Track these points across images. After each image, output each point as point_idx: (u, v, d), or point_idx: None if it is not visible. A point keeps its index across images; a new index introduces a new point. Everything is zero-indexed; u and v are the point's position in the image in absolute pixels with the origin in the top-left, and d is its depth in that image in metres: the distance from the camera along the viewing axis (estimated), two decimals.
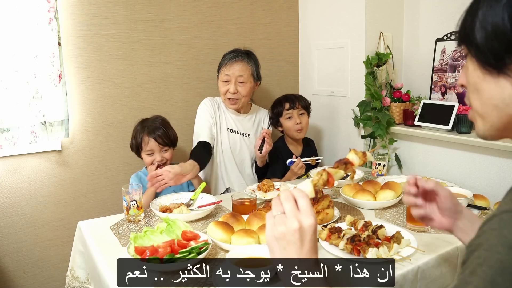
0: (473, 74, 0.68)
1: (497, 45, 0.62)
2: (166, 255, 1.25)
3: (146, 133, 2.01)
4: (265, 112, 2.44)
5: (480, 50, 0.65)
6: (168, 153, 2.05)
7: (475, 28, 0.64)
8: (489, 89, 0.67)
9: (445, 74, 2.35)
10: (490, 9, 0.62)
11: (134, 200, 1.65)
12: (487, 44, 0.63)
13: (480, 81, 0.67)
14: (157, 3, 2.38)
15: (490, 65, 0.65)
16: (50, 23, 2.02)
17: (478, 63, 0.67)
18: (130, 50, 2.34)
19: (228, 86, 2.14)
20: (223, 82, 2.15)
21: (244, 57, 2.17)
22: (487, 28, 0.62)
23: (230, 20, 2.63)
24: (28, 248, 2.22)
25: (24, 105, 2.03)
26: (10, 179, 2.13)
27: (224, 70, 2.15)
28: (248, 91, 2.18)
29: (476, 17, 0.64)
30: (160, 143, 2.00)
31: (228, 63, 2.14)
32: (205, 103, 2.25)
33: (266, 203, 1.77)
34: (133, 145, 2.06)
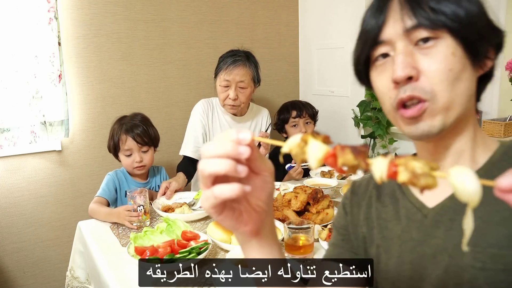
0: (459, 61, 0.62)
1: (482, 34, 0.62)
2: (166, 255, 1.25)
3: (124, 131, 1.82)
4: (264, 112, 2.33)
5: (471, 38, 0.62)
6: (149, 154, 1.86)
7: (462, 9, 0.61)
8: (468, 79, 0.64)
9: None
10: None
11: (141, 205, 1.58)
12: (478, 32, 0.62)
13: (464, 69, 0.63)
14: (157, 3, 2.38)
15: (475, 53, 0.63)
16: (50, 23, 2.02)
17: (464, 49, 0.62)
18: (130, 50, 2.34)
19: (227, 92, 2.02)
20: (222, 87, 2.02)
21: (245, 60, 2.05)
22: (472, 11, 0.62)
23: (230, 20, 2.63)
24: (28, 248, 2.22)
25: (24, 105, 2.03)
26: (10, 179, 2.13)
27: (223, 75, 2.01)
28: (248, 96, 2.09)
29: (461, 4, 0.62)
30: (139, 142, 1.81)
31: (228, 68, 2.00)
32: (197, 109, 2.14)
33: None
34: (111, 146, 1.86)
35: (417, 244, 0.69)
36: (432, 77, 0.62)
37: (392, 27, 0.64)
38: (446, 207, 0.67)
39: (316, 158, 0.50)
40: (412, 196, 0.73)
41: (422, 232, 0.69)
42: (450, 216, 0.66)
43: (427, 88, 0.61)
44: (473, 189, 0.42)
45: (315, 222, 1.49)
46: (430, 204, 0.69)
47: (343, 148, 0.49)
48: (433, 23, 0.61)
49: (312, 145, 0.51)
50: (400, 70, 0.61)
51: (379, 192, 0.79)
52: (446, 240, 0.65)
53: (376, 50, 0.67)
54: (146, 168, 1.89)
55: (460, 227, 0.63)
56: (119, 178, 1.87)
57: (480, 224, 0.62)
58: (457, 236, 0.64)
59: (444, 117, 0.63)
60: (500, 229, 0.61)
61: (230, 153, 0.49)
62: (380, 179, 0.47)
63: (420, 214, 0.70)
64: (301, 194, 1.61)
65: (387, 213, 0.75)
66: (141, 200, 1.58)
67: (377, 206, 0.78)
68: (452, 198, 0.67)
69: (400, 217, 0.73)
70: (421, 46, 0.62)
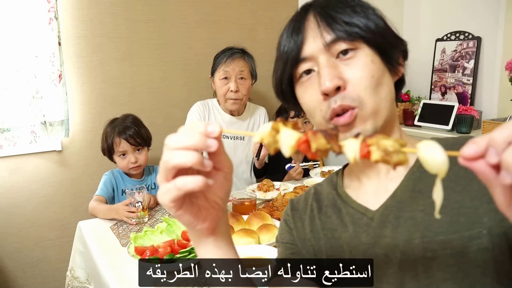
0: (379, 68, 0.67)
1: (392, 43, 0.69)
2: (166, 255, 1.25)
3: (117, 133, 1.86)
4: (261, 111, 2.34)
5: (384, 46, 0.68)
6: (143, 154, 1.91)
7: (372, 22, 0.67)
8: (388, 84, 0.69)
9: (445, 74, 2.35)
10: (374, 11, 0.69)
11: (139, 202, 1.63)
12: (388, 41, 0.69)
13: (383, 75, 0.68)
14: (157, 3, 2.38)
15: (390, 60, 0.69)
16: (50, 23, 2.02)
17: (380, 57, 0.68)
18: (130, 50, 2.35)
19: (228, 85, 2.04)
20: (222, 80, 2.05)
21: (242, 54, 2.10)
22: (380, 24, 0.68)
23: (230, 20, 2.63)
24: (28, 248, 2.22)
25: (24, 105, 2.04)
26: (11, 179, 2.13)
27: (222, 67, 2.05)
28: (248, 88, 2.11)
29: (370, 14, 0.68)
30: (132, 143, 1.85)
31: (227, 60, 2.04)
32: (193, 112, 2.15)
33: (266, 203, 1.77)
34: (105, 149, 1.90)
35: (367, 248, 0.70)
36: (357, 85, 0.66)
37: (312, 44, 0.68)
38: (390, 206, 0.70)
39: (289, 145, 0.50)
40: (354, 203, 0.75)
41: (370, 235, 0.71)
42: (395, 214, 0.69)
43: (354, 96, 0.65)
44: (441, 160, 0.45)
45: None
46: (373, 207, 0.72)
47: (314, 133, 0.49)
48: (350, 35, 0.66)
49: (284, 133, 0.51)
50: (328, 81, 0.65)
51: (319, 204, 0.81)
52: (395, 238, 0.68)
53: (299, 68, 0.71)
54: (142, 168, 1.94)
55: (406, 223, 0.68)
56: (116, 178, 1.92)
57: (423, 217, 0.66)
58: (405, 231, 0.67)
59: (374, 121, 0.67)
60: (442, 217, 0.65)
61: (198, 145, 0.49)
62: (354, 160, 0.48)
63: (366, 218, 0.72)
64: None
65: (331, 223, 0.77)
66: (139, 197, 1.63)
67: (320, 217, 0.79)
68: (394, 197, 0.70)
69: (346, 224, 0.75)
70: (342, 58, 0.67)
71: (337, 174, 0.83)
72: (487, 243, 0.62)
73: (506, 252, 0.63)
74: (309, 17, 0.71)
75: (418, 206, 0.67)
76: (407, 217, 0.68)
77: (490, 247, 0.62)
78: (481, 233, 0.62)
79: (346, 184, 0.80)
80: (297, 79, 0.72)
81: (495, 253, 0.62)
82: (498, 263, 0.62)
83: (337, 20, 0.67)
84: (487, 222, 0.63)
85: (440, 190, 0.48)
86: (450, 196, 0.65)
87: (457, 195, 0.66)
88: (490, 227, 0.62)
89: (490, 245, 0.62)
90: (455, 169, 0.66)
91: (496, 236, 0.62)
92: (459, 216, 0.64)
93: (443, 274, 0.63)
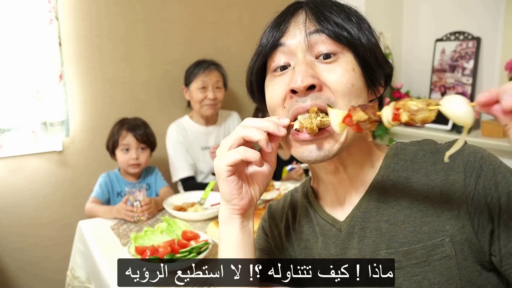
0: (359, 79, 0.64)
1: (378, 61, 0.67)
2: (166, 255, 1.26)
3: (125, 128, 1.90)
4: (234, 115, 2.48)
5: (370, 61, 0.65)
6: (145, 155, 1.93)
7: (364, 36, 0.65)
8: (365, 99, 0.66)
9: (445, 74, 2.36)
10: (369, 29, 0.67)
11: (138, 200, 1.66)
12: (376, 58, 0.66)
13: (363, 88, 0.65)
14: (157, 3, 2.38)
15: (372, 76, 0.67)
16: (50, 24, 2.02)
17: (363, 70, 0.65)
18: (130, 51, 2.35)
19: (206, 93, 2.22)
20: (199, 89, 2.22)
21: (217, 66, 2.30)
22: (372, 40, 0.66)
23: (230, 21, 2.63)
24: (28, 248, 2.23)
25: (24, 105, 2.04)
26: (11, 179, 2.13)
27: (200, 78, 2.22)
28: (223, 96, 2.30)
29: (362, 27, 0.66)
30: (139, 139, 1.89)
31: (205, 72, 2.23)
32: (172, 135, 2.25)
33: (266, 203, 1.77)
34: (109, 143, 1.93)
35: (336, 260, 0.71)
36: (336, 90, 0.62)
37: (294, 35, 0.65)
38: (356, 217, 0.69)
39: (338, 122, 0.58)
40: (323, 213, 0.74)
41: (339, 247, 0.71)
42: (360, 225, 0.69)
43: (332, 98, 0.62)
44: (464, 111, 0.47)
45: None
46: (341, 218, 0.71)
47: (354, 109, 0.57)
48: (337, 36, 0.63)
49: (331, 113, 0.59)
50: (301, 79, 0.60)
51: (294, 213, 0.81)
52: (361, 249, 0.68)
53: (275, 58, 0.66)
54: (140, 168, 1.94)
55: (371, 233, 0.67)
56: (111, 180, 1.94)
57: (388, 228, 0.66)
58: (371, 243, 0.67)
59: (342, 139, 0.63)
60: (406, 227, 0.65)
61: (270, 128, 0.61)
62: (388, 124, 0.54)
63: (335, 229, 0.72)
64: None
65: (304, 233, 0.77)
66: (139, 195, 1.66)
67: (294, 227, 0.79)
68: (358, 208, 0.69)
69: (317, 234, 0.75)
70: (321, 60, 0.63)
71: (310, 179, 0.82)
72: (450, 250, 0.62)
73: (469, 258, 0.63)
74: (298, 12, 0.67)
75: (383, 217, 0.67)
76: (372, 228, 0.67)
77: (452, 254, 0.62)
78: (444, 241, 0.63)
79: (318, 191, 0.78)
80: (270, 71, 0.68)
81: (458, 260, 0.62)
82: (461, 269, 0.62)
83: (328, 19, 0.64)
84: (449, 230, 0.63)
85: (463, 140, 0.52)
86: (413, 205, 0.66)
87: (419, 203, 0.65)
88: (452, 234, 0.63)
89: (453, 252, 0.62)
90: (418, 176, 0.67)
91: (458, 243, 0.62)
92: (423, 226, 0.64)
93: (408, 284, 0.64)
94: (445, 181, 0.65)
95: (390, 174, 0.69)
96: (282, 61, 0.66)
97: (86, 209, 1.81)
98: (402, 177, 0.68)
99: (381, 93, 0.71)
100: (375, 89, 0.69)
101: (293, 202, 0.83)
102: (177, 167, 2.21)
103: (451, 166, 0.65)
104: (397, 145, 0.73)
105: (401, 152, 0.71)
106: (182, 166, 2.20)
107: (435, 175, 0.66)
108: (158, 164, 2.19)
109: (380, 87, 0.70)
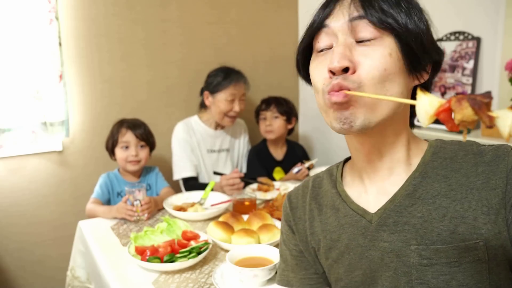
0: (395, 64, 0.65)
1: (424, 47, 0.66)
2: (166, 255, 1.26)
3: (125, 126, 1.92)
4: (241, 122, 2.46)
5: (416, 47, 0.65)
6: (144, 152, 1.93)
7: (412, 22, 0.65)
8: (401, 84, 0.66)
9: (445, 74, 2.36)
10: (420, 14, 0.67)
11: (138, 200, 1.66)
12: (422, 44, 0.65)
13: (398, 73, 0.65)
14: (157, 3, 2.38)
15: (415, 62, 0.66)
16: (50, 24, 2.02)
17: (404, 55, 0.65)
18: (130, 51, 2.35)
19: (232, 105, 2.18)
20: (228, 101, 2.17)
21: (244, 78, 2.26)
22: (420, 27, 0.65)
23: (230, 21, 2.63)
24: (29, 248, 2.23)
25: (24, 105, 2.04)
26: (11, 179, 2.13)
27: (230, 90, 2.16)
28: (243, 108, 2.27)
29: (412, 12, 0.65)
30: (138, 137, 1.91)
31: (235, 84, 2.18)
32: (179, 133, 2.22)
33: (266, 203, 1.78)
34: (109, 143, 1.94)
35: (364, 250, 0.71)
36: (365, 72, 0.64)
37: (337, 18, 0.67)
38: (389, 210, 0.69)
39: (427, 113, 0.47)
40: (353, 204, 0.74)
41: (368, 238, 0.71)
42: (393, 219, 0.68)
43: (357, 80, 0.64)
44: None
45: None
46: (372, 209, 0.71)
47: (459, 101, 0.42)
48: (381, 22, 0.63)
49: (421, 99, 0.48)
50: (337, 61, 0.63)
51: (319, 204, 0.80)
52: (391, 243, 0.68)
53: (319, 40, 0.69)
54: (140, 166, 1.94)
55: (404, 228, 0.67)
56: (111, 180, 1.95)
57: (421, 224, 0.66)
58: (402, 237, 0.67)
59: (367, 115, 0.65)
60: (439, 225, 0.65)
61: None
62: (509, 136, 0.44)
63: (365, 220, 0.72)
64: None
65: (330, 225, 0.77)
66: (139, 195, 1.66)
67: (320, 219, 0.79)
68: (393, 201, 0.69)
69: (344, 225, 0.74)
70: (360, 43, 0.65)
71: (337, 167, 0.81)
72: (483, 254, 0.62)
73: (501, 264, 0.63)
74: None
75: (417, 213, 0.67)
76: (405, 222, 0.67)
77: (485, 258, 0.62)
78: (478, 244, 0.62)
79: (347, 181, 0.78)
80: (314, 51, 0.72)
81: (490, 265, 0.62)
82: (492, 274, 0.62)
83: (374, 4, 0.64)
84: (485, 234, 0.62)
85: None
86: (449, 205, 0.65)
87: (456, 204, 0.65)
88: (487, 239, 0.62)
89: (486, 257, 0.62)
90: (457, 176, 0.66)
91: (493, 248, 0.62)
92: (457, 226, 0.64)
93: (436, 282, 0.64)
94: (485, 184, 0.64)
95: (428, 171, 0.69)
96: (326, 43, 0.68)
97: (87, 210, 1.81)
98: (440, 175, 0.68)
99: (424, 79, 0.70)
100: (418, 75, 0.68)
101: (315, 190, 0.82)
102: (181, 166, 2.20)
103: (494, 170, 0.64)
104: (437, 143, 0.73)
105: (441, 150, 0.71)
106: (186, 165, 2.19)
107: (475, 177, 0.65)
108: (158, 164, 2.19)
109: (425, 73, 0.69)
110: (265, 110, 2.34)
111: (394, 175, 0.71)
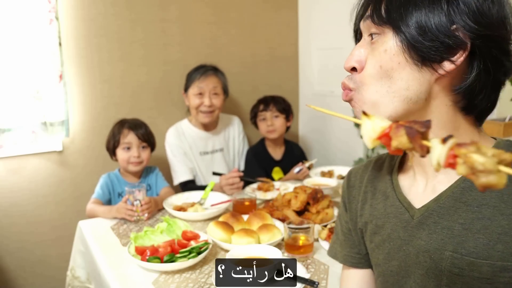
0: (391, 59, 0.62)
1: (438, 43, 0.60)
2: (166, 255, 1.26)
3: (127, 127, 1.92)
4: (235, 120, 2.45)
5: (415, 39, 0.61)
6: (146, 153, 1.94)
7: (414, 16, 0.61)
8: (404, 79, 0.62)
9: None
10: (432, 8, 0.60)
11: (138, 200, 1.66)
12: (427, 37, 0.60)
13: (397, 68, 0.62)
14: (156, 4, 2.38)
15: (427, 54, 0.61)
16: (50, 24, 2.02)
17: (405, 49, 0.61)
18: (130, 50, 2.35)
19: (202, 100, 2.16)
20: (196, 95, 2.16)
21: (215, 71, 2.23)
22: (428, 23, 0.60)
23: (230, 21, 2.63)
24: (28, 248, 2.23)
25: (24, 105, 2.04)
26: (11, 179, 2.14)
27: (196, 84, 2.17)
28: (221, 103, 2.23)
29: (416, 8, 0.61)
30: (140, 137, 1.90)
31: (201, 77, 2.17)
32: (171, 139, 2.23)
33: (266, 203, 1.78)
34: (110, 143, 1.93)
35: (403, 243, 0.71)
36: (365, 71, 0.66)
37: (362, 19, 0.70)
38: (431, 209, 0.67)
39: (370, 137, 0.48)
40: (400, 194, 0.73)
41: (408, 232, 0.70)
42: (434, 219, 0.66)
43: (358, 80, 0.67)
44: None
45: (315, 222, 1.49)
46: (417, 205, 0.70)
47: (398, 128, 0.44)
48: (378, 17, 0.64)
49: (365, 124, 0.49)
50: (347, 62, 0.69)
51: (374, 188, 0.80)
52: (428, 242, 0.66)
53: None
54: (142, 166, 1.94)
55: (442, 231, 0.65)
56: (112, 180, 1.95)
57: (460, 231, 0.63)
58: (439, 240, 0.65)
59: (368, 111, 0.61)
60: (479, 237, 0.61)
61: None
62: (437, 166, 0.43)
63: (408, 214, 0.71)
64: (301, 194, 1.61)
65: (378, 211, 0.77)
66: (139, 195, 1.66)
67: (371, 203, 0.79)
68: (437, 201, 0.67)
69: (389, 215, 0.74)
70: (372, 42, 0.67)
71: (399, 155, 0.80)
72: None
73: None
74: None
75: (459, 218, 0.63)
76: (444, 225, 0.64)
77: None
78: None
79: (404, 168, 0.77)
80: None
81: None
82: None
83: (380, 2, 0.65)
84: None
85: None
86: (495, 217, 0.60)
87: (503, 219, 0.60)
88: None
89: None
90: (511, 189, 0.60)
91: None
92: (498, 243, 0.59)
93: None
94: None
95: None
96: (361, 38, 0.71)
97: (87, 210, 1.81)
98: None
99: (450, 69, 0.61)
100: (435, 67, 0.61)
101: (375, 174, 0.81)
102: (177, 171, 2.21)
103: None
104: (504, 144, 0.66)
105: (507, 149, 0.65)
106: (182, 170, 2.20)
107: None
108: (158, 164, 2.19)
109: (448, 62, 0.61)
110: (265, 111, 2.33)
111: (444, 173, 0.67)
